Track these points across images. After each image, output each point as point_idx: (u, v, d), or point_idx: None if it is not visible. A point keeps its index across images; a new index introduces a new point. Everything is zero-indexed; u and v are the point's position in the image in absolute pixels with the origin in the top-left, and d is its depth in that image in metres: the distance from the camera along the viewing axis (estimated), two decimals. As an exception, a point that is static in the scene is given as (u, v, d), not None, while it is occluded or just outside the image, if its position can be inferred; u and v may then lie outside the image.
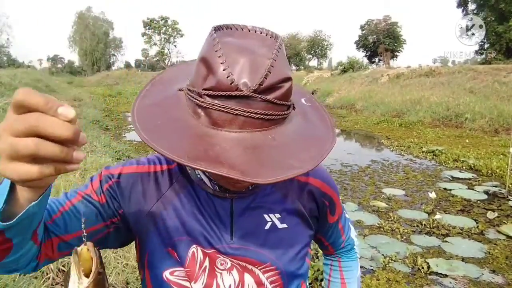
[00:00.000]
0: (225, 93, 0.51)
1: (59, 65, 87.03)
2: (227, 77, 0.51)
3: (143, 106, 0.60)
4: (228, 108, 0.52)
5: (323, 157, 0.55)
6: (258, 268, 0.68)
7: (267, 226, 0.69)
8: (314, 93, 21.53)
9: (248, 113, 0.52)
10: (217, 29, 0.57)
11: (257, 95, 0.52)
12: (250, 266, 0.68)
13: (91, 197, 0.65)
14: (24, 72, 15.68)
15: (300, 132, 0.58)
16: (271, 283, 0.69)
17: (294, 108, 0.61)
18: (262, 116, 0.53)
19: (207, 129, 0.53)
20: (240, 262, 0.67)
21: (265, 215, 0.70)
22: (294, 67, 62.40)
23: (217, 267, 0.67)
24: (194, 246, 0.67)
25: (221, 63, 0.52)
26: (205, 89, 0.53)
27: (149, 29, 55.95)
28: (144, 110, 0.59)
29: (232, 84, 0.51)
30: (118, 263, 2.54)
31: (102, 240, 0.67)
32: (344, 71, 24.28)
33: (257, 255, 0.68)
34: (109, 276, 2.39)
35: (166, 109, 0.59)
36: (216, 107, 0.52)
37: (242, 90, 0.51)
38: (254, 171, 0.49)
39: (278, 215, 0.70)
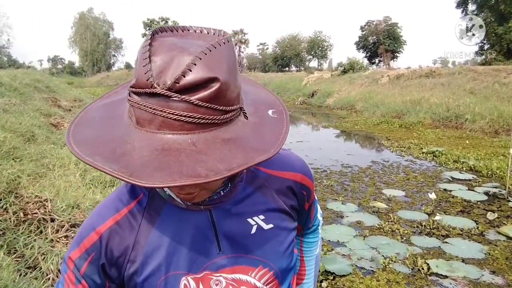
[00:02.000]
0: (142, 90, 0.50)
1: (60, 66, 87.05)
2: (145, 74, 0.49)
3: (96, 104, 0.61)
4: (146, 107, 0.50)
5: (242, 168, 0.48)
6: (252, 274, 0.67)
7: (253, 230, 0.67)
8: (314, 94, 21.53)
9: (166, 113, 0.49)
10: (159, 30, 0.55)
11: (174, 94, 0.48)
12: (244, 277, 0.66)
13: None
14: (25, 73, 15.63)
15: (233, 141, 0.52)
16: (267, 285, 0.68)
17: (246, 117, 0.57)
18: (181, 117, 0.49)
19: (131, 128, 0.52)
20: (234, 276, 0.66)
21: (249, 219, 0.67)
22: (294, 68, 62.41)
23: None
24: (183, 278, 0.63)
25: (143, 59, 0.50)
26: (131, 87, 0.52)
27: (149, 29, 55.93)
28: (93, 107, 0.60)
29: (148, 81, 0.49)
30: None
31: None
32: (344, 72, 24.27)
33: (249, 261, 0.67)
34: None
35: (113, 107, 0.58)
36: (137, 105, 0.51)
37: (156, 88, 0.48)
38: (146, 173, 0.46)
39: (262, 217, 0.68)
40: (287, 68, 63.61)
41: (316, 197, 0.88)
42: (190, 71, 0.48)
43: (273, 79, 30.74)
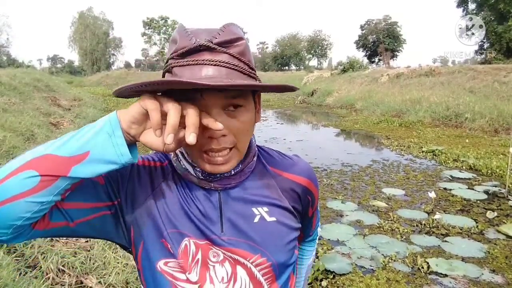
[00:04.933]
0: (187, 49, 0.61)
1: (59, 65, 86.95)
2: (186, 37, 0.61)
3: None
4: (195, 61, 0.60)
5: (263, 86, 0.62)
6: (249, 260, 0.69)
7: (256, 219, 0.71)
8: (314, 93, 21.53)
9: (213, 62, 0.60)
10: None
11: (217, 46, 0.61)
12: (242, 259, 0.69)
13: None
14: (24, 72, 15.61)
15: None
16: (263, 275, 0.70)
17: (259, 81, 0.68)
18: (222, 64, 0.60)
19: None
20: (232, 255, 0.69)
21: (253, 209, 0.72)
22: (294, 67, 62.39)
23: (210, 260, 0.68)
24: (186, 239, 0.68)
25: (184, 31, 0.63)
26: (172, 54, 0.63)
27: (149, 29, 55.99)
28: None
29: (190, 40, 0.61)
30: (118, 263, 2.54)
31: (96, 222, 0.67)
32: (344, 71, 24.25)
33: (248, 247, 0.70)
34: (109, 276, 2.39)
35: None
36: (180, 62, 0.61)
37: (199, 41, 0.60)
38: (200, 81, 0.55)
39: (266, 209, 0.72)
40: (286, 67, 63.63)
41: (318, 209, 0.91)
42: (219, 34, 0.62)
43: (272, 78, 30.77)
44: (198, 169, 0.69)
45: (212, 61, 0.60)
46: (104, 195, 0.67)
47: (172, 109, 0.55)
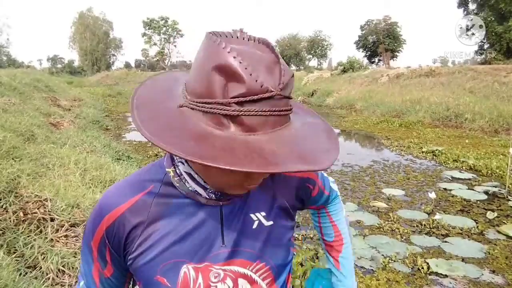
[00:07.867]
0: (257, 97, 0.52)
1: (59, 65, 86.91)
2: (256, 81, 0.52)
3: (153, 127, 0.55)
4: (262, 111, 0.53)
5: (337, 139, 0.62)
6: (250, 268, 0.70)
7: (254, 225, 0.71)
8: (314, 93, 21.53)
9: (278, 112, 0.55)
10: (215, 35, 0.56)
11: (281, 93, 0.54)
12: (242, 270, 0.69)
13: (104, 276, 0.72)
14: (24, 72, 15.62)
15: (303, 122, 0.62)
16: (263, 279, 0.71)
17: None
18: (287, 112, 0.57)
19: (242, 137, 0.53)
20: (232, 268, 0.68)
21: (251, 215, 0.71)
22: (294, 67, 62.37)
23: (211, 281, 0.67)
24: (184, 266, 0.66)
25: (246, 69, 0.52)
26: (234, 97, 0.52)
27: (149, 29, 55.88)
28: (157, 129, 0.55)
29: (262, 87, 0.52)
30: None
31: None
32: (344, 71, 24.26)
33: (248, 255, 0.70)
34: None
35: (180, 126, 0.56)
36: (251, 112, 0.53)
37: (272, 91, 0.53)
38: (293, 162, 0.52)
39: (263, 213, 0.72)
40: (286, 68, 63.46)
41: (325, 174, 0.89)
42: (284, 71, 0.55)
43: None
44: (211, 191, 0.66)
45: (280, 110, 0.55)
46: (122, 274, 0.73)
47: None
